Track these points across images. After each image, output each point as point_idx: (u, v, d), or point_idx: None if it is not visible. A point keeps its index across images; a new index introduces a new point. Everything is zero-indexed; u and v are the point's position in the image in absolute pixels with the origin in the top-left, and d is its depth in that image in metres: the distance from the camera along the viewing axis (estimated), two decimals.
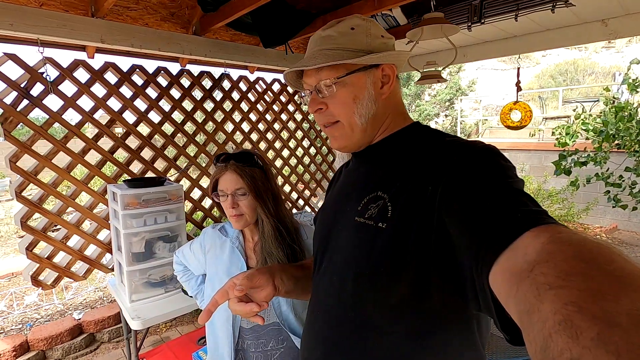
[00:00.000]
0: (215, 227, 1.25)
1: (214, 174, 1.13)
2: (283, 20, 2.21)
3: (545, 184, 5.66)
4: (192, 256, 1.28)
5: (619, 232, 5.47)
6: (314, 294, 0.76)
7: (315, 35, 0.72)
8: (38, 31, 1.70)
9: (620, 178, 3.27)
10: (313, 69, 0.68)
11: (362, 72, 0.67)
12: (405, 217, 0.58)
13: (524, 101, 3.15)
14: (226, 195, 1.09)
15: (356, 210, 0.67)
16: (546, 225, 0.40)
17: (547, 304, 0.30)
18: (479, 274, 0.45)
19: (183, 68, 2.51)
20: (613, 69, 12.61)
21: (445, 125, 12.25)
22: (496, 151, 0.57)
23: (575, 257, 0.32)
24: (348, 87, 0.67)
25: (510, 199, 0.47)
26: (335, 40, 0.68)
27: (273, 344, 1.12)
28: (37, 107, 1.90)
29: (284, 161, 3.16)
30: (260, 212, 1.10)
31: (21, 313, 3.11)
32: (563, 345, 0.26)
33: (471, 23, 2.18)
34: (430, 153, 0.62)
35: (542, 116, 8.03)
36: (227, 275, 1.13)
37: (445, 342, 0.60)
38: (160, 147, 2.41)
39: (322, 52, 0.68)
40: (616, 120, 3.23)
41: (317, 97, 0.69)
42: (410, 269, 0.57)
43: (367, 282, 0.62)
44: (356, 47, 0.67)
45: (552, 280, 0.31)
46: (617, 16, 2.20)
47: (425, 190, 0.57)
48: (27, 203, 1.89)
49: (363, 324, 0.63)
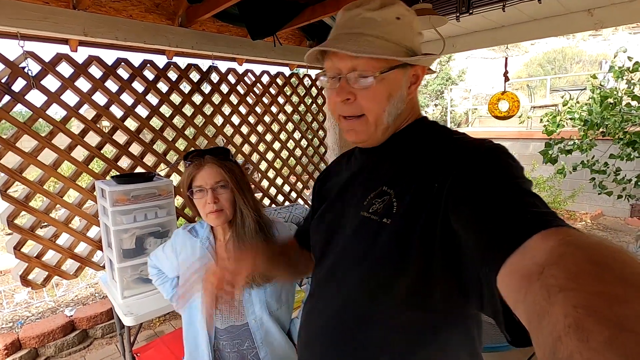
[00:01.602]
0: (186, 227, 1.22)
1: (188, 170, 1.09)
2: (270, 11, 2.18)
3: (533, 172, 5.76)
4: (165, 259, 1.26)
5: (604, 217, 5.61)
6: (314, 287, 0.76)
7: (354, 13, 0.64)
8: (18, 24, 1.65)
9: (606, 165, 3.34)
10: (351, 54, 0.61)
11: (400, 69, 0.63)
12: (411, 214, 0.58)
13: (511, 91, 3.19)
14: (205, 190, 1.06)
15: (362, 204, 0.66)
16: (556, 227, 0.40)
17: (557, 306, 0.29)
18: (486, 276, 0.44)
19: (170, 61, 2.46)
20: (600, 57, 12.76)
21: (435, 114, 12.29)
22: (504, 150, 0.56)
23: (586, 259, 0.32)
24: (385, 83, 0.63)
25: (519, 199, 0.46)
26: (380, 26, 0.62)
27: (249, 343, 1.13)
28: (20, 102, 1.85)
29: (276, 154, 3.15)
30: (241, 205, 1.09)
31: (11, 311, 3.08)
32: (573, 348, 0.26)
33: (459, 14, 2.18)
34: (437, 150, 0.62)
35: (530, 105, 8.12)
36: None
37: (445, 340, 0.61)
38: (149, 142, 2.38)
39: (366, 38, 0.61)
40: (601, 109, 3.29)
41: (346, 85, 0.63)
42: (413, 266, 0.57)
43: (369, 277, 0.62)
44: (400, 40, 0.63)
45: (562, 282, 0.31)
46: (603, 6, 2.22)
47: (431, 188, 0.56)
48: (13, 201, 1.85)
49: (364, 319, 0.63)
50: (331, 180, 0.85)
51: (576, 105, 3.80)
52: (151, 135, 2.41)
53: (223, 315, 1.12)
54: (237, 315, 1.12)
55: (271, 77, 3.04)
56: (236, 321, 1.12)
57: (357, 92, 0.63)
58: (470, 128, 9.11)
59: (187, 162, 1.10)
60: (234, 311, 1.12)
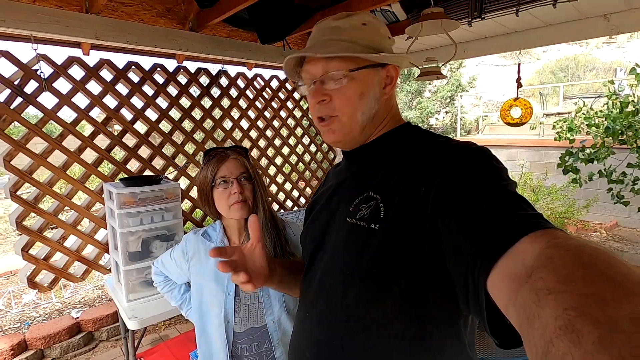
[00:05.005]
0: (197, 232, 1.20)
1: (212, 163, 1.09)
2: (280, 16, 2.18)
3: (545, 181, 5.64)
4: (173, 264, 1.23)
5: (619, 228, 5.46)
6: (304, 295, 0.75)
7: (323, 24, 0.70)
8: (31, 27, 1.67)
9: (624, 175, 3.24)
10: (322, 58, 0.65)
11: (371, 69, 0.66)
12: (399, 219, 0.57)
13: (524, 97, 3.12)
14: (230, 180, 1.07)
15: (348, 210, 0.66)
16: (544, 229, 0.40)
17: (547, 309, 0.30)
18: (475, 280, 0.45)
19: (180, 65, 2.48)
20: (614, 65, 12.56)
21: (445, 121, 12.21)
22: (488, 153, 0.56)
23: (574, 261, 0.32)
24: (356, 82, 0.65)
25: (506, 202, 0.47)
26: (347, 32, 0.66)
27: (267, 345, 1.11)
28: (31, 104, 1.87)
29: (284, 158, 3.13)
30: (258, 198, 1.11)
31: (19, 312, 3.10)
32: (565, 350, 0.26)
33: (471, 18, 2.14)
34: (422, 154, 0.62)
35: (543, 112, 8.00)
36: (214, 282, 1.11)
37: (439, 346, 0.60)
38: (157, 145, 2.39)
39: (334, 42, 0.66)
40: (622, 116, 3.19)
41: (321, 88, 0.67)
42: (403, 272, 0.56)
43: (359, 284, 0.61)
44: (367, 43, 0.66)
45: (551, 285, 0.31)
46: (620, 11, 2.17)
47: (418, 192, 0.56)
48: (22, 203, 1.87)
49: (355, 326, 0.62)
50: (319, 194, 0.85)
51: (591, 112, 3.71)
52: (160, 138, 2.42)
53: (242, 318, 1.11)
54: (256, 317, 1.12)
55: (280, 82, 3.04)
56: (255, 323, 1.11)
57: (331, 93, 0.66)
58: (480, 135, 9.00)
59: (207, 158, 1.11)
60: (253, 313, 1.11)
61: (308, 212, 0.86)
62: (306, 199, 3.34)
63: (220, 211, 1.12)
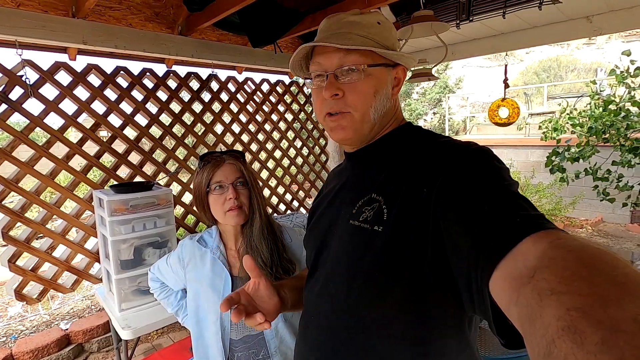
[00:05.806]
0: (193, 237, 1.18)
1: (207, 168, 1.07)
2: (271, 19, 2.18)
3: (533, 179, 5.75)
4: (169, 271, 1.21)
5: (604, 224, 5.60)
6: (308, 299, 0.75)
7: (337, 18, 0.68)
8: (16, 32, 1.63)
9: (608, 172, 3.32)
10: (339, 50, 0.63)
11: (385, 67, 0.66)
12: (402, 221, 0.57)
13: (511, 98, 3.19)
14: (225, 186, 1.05)
15: (350, 213, 0.66)
16: (546, 230, 0.40)
17: (549, 309, 0.30)
18: (477, 280, 0.45)
19: (169, 69, 2.45)
20: (594, 65, 12.93)
21: (433, 122, 12.36)
22: (490, 153, 0.56)
23: (577, 262, 0.32)
24: (372, 79, 0.65)
25: (508, 203, 0.47)
26: (365, 28, 0.65)
27: (264, 352, 1.10)
28: (17, 111, 1.82)
29: (277, 162, 3.12)
30: (254, 204, 1.09)
31: (5, 325, 3.00)
32: (567, 350, 0.26)
33: (460, 21, 2.18)
34: (424, 154, 0.61)
35: (528, 112, 8.17)
36: (210, 288, 1.09)
37: (439, 345, 0.60)
38: (148, 151, 2.35)
39: (352, 36, 0.64)
40: (605, 115, 3.28)
41: (335, 81, 0.65)
42: (405, 273, 0.56)
43: (361, 285, 0.61)
44: (383, 41, 0.66)
45: (553, 285, 0.31)
46: (602, 12, 2.23)
47: (420, 193, 0.56)
48: (8, 212, 1.81)
49: (358, 328, 0.62)
50: (322, 196, 0.85)
51: (574, 112, 3.80)
52: (150, 144, 2.39)
53: (239, 325, 1.09)
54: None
55: (271, 85, 3.03)
56: (252, 331, 1.10)
57: (344, 87, 0.64)
58: (468, 135, 9.14)
59: (203, 162, 1.09)
60: None
61: (311, 215, 0.85)
62: (299, 202, 3.33)
63: (215, 217, 1.11)
